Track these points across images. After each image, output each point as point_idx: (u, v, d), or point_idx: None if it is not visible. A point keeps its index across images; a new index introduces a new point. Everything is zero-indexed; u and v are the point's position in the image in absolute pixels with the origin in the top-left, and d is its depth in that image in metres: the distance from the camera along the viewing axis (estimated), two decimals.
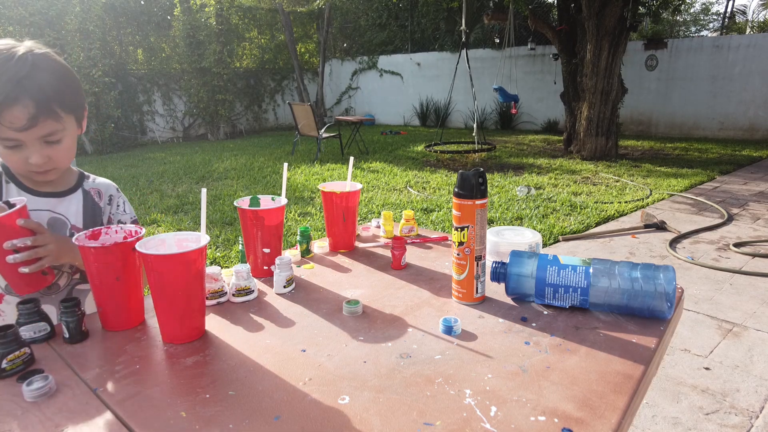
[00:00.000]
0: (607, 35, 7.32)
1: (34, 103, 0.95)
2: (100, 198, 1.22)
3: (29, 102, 0.94)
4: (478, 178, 0.92)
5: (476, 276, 0.97)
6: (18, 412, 0.68)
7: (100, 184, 1.24)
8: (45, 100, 0.96)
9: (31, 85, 0.95)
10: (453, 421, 0.64)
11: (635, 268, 0.89)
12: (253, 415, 0.66)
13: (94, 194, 1.21)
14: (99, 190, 1.22)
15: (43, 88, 0.96)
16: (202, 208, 0.91)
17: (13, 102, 0.93)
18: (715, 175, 6.59)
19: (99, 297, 0.89)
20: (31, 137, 0.98)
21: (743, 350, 2.45)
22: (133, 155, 9.35)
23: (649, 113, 10.94)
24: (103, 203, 1.22)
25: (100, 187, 1.23)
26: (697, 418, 1.97)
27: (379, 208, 5.05)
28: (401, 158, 8.27)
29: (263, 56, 13.92)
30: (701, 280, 3.30)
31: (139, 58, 11.50)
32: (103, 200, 1.23)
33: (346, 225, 1.30)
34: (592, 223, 4.53)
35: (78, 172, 1.22)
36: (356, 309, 0.96)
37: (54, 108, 0.98)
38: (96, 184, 1.23)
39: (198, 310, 0.87)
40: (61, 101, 1.00)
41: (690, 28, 24.89)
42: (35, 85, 0.95)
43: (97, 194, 1.21)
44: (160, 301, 0.84)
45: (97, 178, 1.25)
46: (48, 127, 0.99)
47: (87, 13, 9.41)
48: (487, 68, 12.56)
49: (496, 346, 0.83)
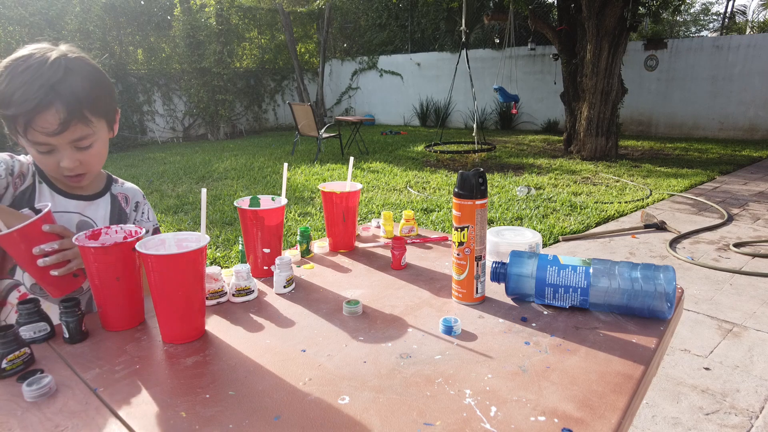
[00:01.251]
0: (607, 35, 7.32)
1: (65, 108, 0.95)
2: (127, 203, 1.24)
3: (61, 107, 0.95)
4: (478, 178, 0.92)
5: (476, 276, 0.97)
6: (18, 412, 0.68)
7: (128, 189, 1.26)
8: (77, 106, 0.97)
9: (63, 90, 0.95)
10: (453, 421, 0.64)
11: (635, 269, 0.89)
12: (253, 415, 0.66)
13: (121, 199, 1.23)
14: (126, 195, 1.24)
15: (76, 93, 0.97)
16: (202, 208, 0.91)
17: (46, 107, 0.94)
18: (715, 176, 6.59)
19: (99, 297, 0.89)
20: (63, 141, 0.99)
21: (743, 350, 2.45)
22: (133, 155, 9.35)
23: (649, 113, 10.94)
24: (129, 209, 1.24)
25: (128, 192, 1.25)
26: (697, 419, 1.97)
27: (379, 208, 5.05)
28: (401, 158, 8.27)
29: (263, 56, 13.92)
30: (701, 280, 3.30)
31: (139, 58, 11.49)
32: (130, 206, 1.24)
33: (346, 225, 1.30)
34: (592, 224, 4.53)
35: (106, 175, 1.24)
36: (356, 309, 0.96)
37: (85, 113, 0.99)
38: (124, 189, 1.25)
39: (198, 311, 0.87)
40: (93, 106, 1.01)
41: (690, 28, 24.90)
42: (68, 90, 0.95)
43: (124, 199, 1.23)
44: (160, 302, 0.84)
45: (126, 183, 1.26)
46: (78, 132, 1.00)
47: (87, 13, 9.41)
48: (487, 68, 12.56)
49: (496, 346, 0.83)
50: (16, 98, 0.93)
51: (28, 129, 0.95)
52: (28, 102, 0.92)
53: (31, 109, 0.93)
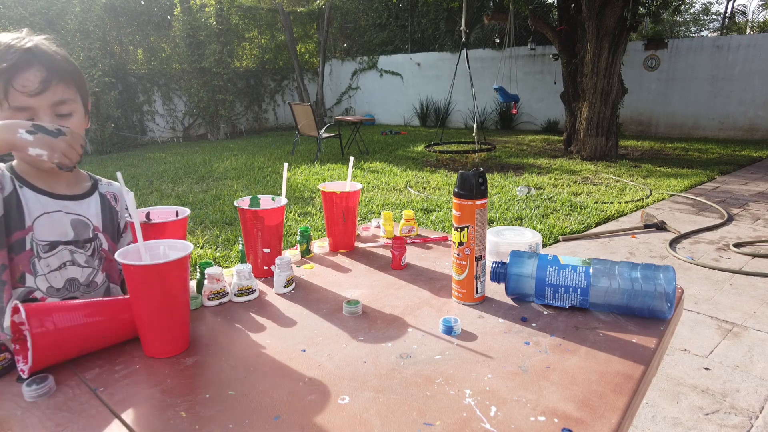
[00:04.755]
0: (607, 35, 7.32)
1: (45, 68, 1.00)
2: (116, 202, 1.25)
3: (41, 67, 1.00)
4: (478, 178, 0.92)
5: (476, 276, 0.97)
6: (18, 412, 0.68)
7: (115, 187, 1.27)
8: (54, 66, 1.02)
9: (41, 54, 1.01)
10: (453, 421, 0.64)
11: (635, 269, 0.89)
12: (253, 415, 0.66)
13: (110, 198, 1.24)
14: (115, 194, 1.26)
15: (52, 57, 1.02)
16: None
17: (25, 65, 0.98)
18: (715, 176, 6.59)
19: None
20: (44, 104, 1.01)
21: (743, 350, 2.45)
22: (133, 155, 9.35)
23: (649, 113, 10.94)
24: (120, 207, 1.25)
25: (116, 191, 1.27)
26: (697, 419, 1.97)
27: (379, 208, 5.05)
28: (401, 158, 8.27)
29: (263, 56, 13.92)
30: (701, 280, 3.30)
31: (139, 58, 11.49)
32: (120, 204, 1.26)
33: (346, 225, 1.30)
34: (592, 223, 4.53)
35: (88, 175, 1.25)
36: (356, 309, 0.96)
37: (64, 75, 1.03)
38: (111, 188, 1.26)
39: (178, 325, 0.82)
40: (71, 75, 1.05)
41: (690, 28, 24.90)
42: (45, 55, 1.01)
43: (113, 198, 1.25)
44: (139, 313, 0.80)
45: (111, 183, 1.28)
46: (59, 93, 1.03)
47: (87, 13, 9.41)
48: (487, 68, 12.56)
49: (496, 346, 0.83)
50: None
51: (9, 90, 0.97)
52: (7, 62, 0.97)
53: (11, 66, 0.97)
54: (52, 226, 1.09)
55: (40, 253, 1.08)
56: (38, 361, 0.74)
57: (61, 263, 1.11)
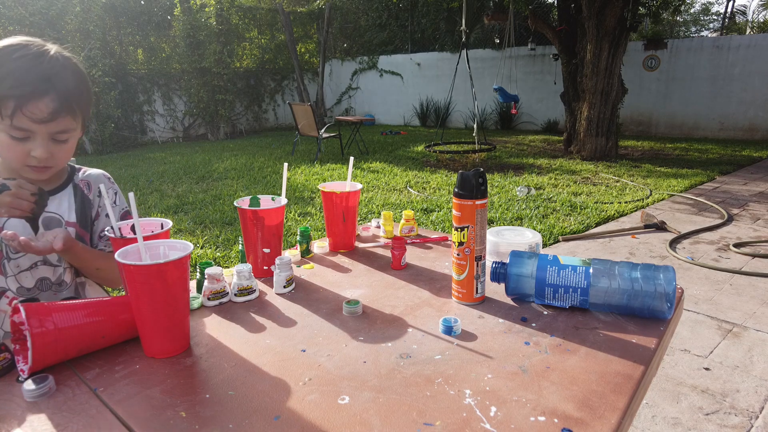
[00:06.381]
0: (607, 35, 7.32)
1: (59, 99, 0.99)
2: (90, 190, 1.21)
3: (55, 97, 0.98)
4: (478, 178, 0.92)
5: (476, 276, 0.97)
6: (18, 412, 0.68)
7: (90, 175, 1.23)
8: (68, 99, 1.01)
9: (59, 83, 0.99)
10: (453, 421, 0.64)
11: (635, 269, 0.89)
12: (253, 415, 0.66)
13: (83, 186, 1.20)
14: (89, 182, 1.22)
15: (69, 87, 1.01)
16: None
17: (41, 95, 0.97)
18: (715, 176, 6.59)
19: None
20: (44, 131, 1.00)
21: (743, 351, 2.45)
22: (133, 155, 9.35)
23: (649, 113, 10.94)
24: (93, 195, 1.21)
25: (90, 179, 1.22)
26: (697, 419, 1.97)
27: (379, 208, 5.05)
28: (401, 158, 8.27)
29: (263, 56, 13.92)
30: (701, 281, 3.30)
31: (139, 58, 11.49)
32: (93, 192, 1.22)
33: (346, 225, 1.30)
34: (592, 224, 4.53)
35: (69, 166, 1.22)
36: (356, 309, 0.96)
37: (74, 107, 1.02)
38: (86, 176, 1.22)
39: (178, 325, 0.82)
40: (80, 102, 1.04)
41: (690, 28, 24.91)
42: (63, 83, 1.00)
43: (86, 186, 1.21)
44: (139, 313, 0.80)
45: (89, 170, 1.24)
46: (63, 124, 1.02)
47: (87, 13, 9.41)
48: (487, 68, 12.56)
49: (496, 347, 0.83)
50: (11, 81, 0.94)
51: (17, 113, 0.96)
52: (24, 86, 0.95)
53: (27, 94, 0.95)
54: (22, 227, 1.07)
55: (10, 254, 1.08)
56: (38, 361, 0.74)
57: (32, 263, 1.10)
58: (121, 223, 0.99)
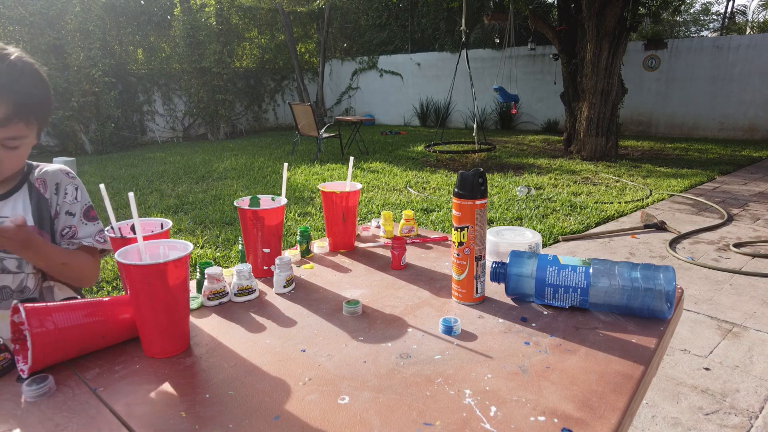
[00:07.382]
0: (607, 35, 7.32)
1: (13, 106, 0.97)
2: (45, 188, 1.15)
3: (9, 103, 0.96)
4: (478, 178, 0.92)
5: (476, 276, 0.97)
6: (18, 412, 0.68)
7: (46, 172, 1.16)
8: (24, 106, 0.98)
9: (16, 89, 0.97)
10: (453, 421, 0.64)
11: (635, 269, 0.89)
12: (253, 415, 0.66)
13: (39, 186, 1.14)
14: (44, 179, 1.15)
15: (26, 94, 0.99)
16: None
17: None
18: (715, 176, 6.59)
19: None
20: None
21: (743, 350, 2.45)
22: (133, 155, 9.35)
23: (649, 113, 10.94)
24: (49, 193, 1.15)
25: (46, 176, 1.16)
26: (697, 419, 1.97)
27: (379, 208, 5.05)
28: (401, 158, 8.27)
29: (263, 56, 13.92)
30: (701, 281, 3.30)
31: (139, 58, 11.50)
32: (49, 190, 1.15)
33: (346, 225, 1.30)
34: (592, 224, 4.53)
35: (27, 164, 1.16)
36: (356, 309, 0.96)
37: (29, 116, 1.00)
38: (42, 173, 1.16)
39: (178, 325, 0.82)
40: (37, 111, 1.02)
41: (690, 28, 24.91)
42: (20, 89, 0.97)
43: (42, 185, 1.14)
44: (139, 313, 0.80)
45: (46, 166, 1.18)
46: (15, 131, 1.00)
47: (87, 13, 9.41)
48: (487, 68, 12.56)
49: (496, 346, 0.83)
50: None
51: None
52: None
53: None
54: None
55: None
56: (38, 361, 0.74)
57: None
58: (121, 223, 0.99)
